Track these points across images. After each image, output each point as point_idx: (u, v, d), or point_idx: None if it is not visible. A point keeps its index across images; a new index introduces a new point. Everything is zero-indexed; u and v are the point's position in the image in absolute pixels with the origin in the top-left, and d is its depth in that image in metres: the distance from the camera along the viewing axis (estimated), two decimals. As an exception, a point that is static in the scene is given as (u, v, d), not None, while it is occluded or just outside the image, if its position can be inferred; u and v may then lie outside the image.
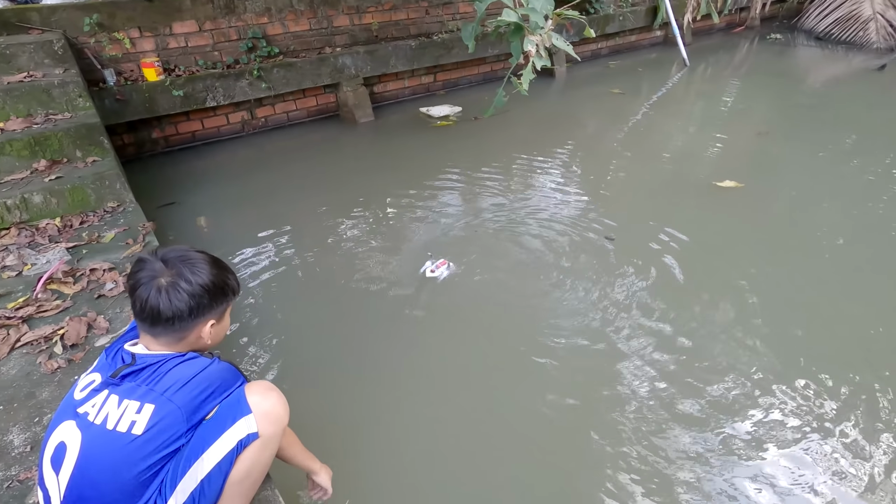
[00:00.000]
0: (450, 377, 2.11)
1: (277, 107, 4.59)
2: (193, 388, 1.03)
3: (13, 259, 2.36)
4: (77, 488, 0.96)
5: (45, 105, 2.99)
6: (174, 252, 1.07)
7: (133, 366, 1.01)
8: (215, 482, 1.03)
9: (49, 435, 1.01)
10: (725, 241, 2.90)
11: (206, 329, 1.09)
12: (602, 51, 7.04)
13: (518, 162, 3.96)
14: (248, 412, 1.03)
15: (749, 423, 1.84)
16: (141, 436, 0.97)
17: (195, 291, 1.04)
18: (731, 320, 2.30)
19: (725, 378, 2.01)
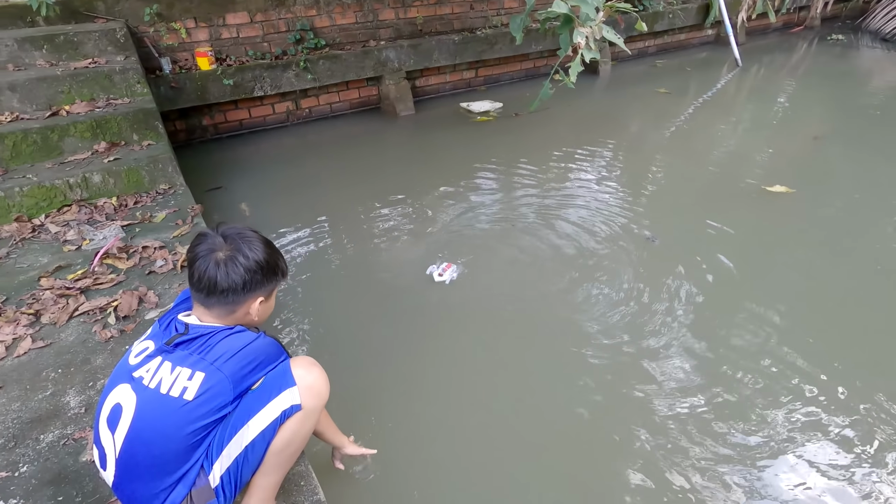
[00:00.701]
0: (480, 372, 2.12)
1: (321, 98, 4.69)
2: (241, 360, 1.07)
3: (73, 234, 2.51)
4: (131, 447, 1.02)
5: (106, 90, 3.15)
6: (233, 230, 1.13)
7: (186, 335, 1.06)
8: (258, 449, 1.07)
9: (105, 396, 1.07)
10: (772, 248, 2.78)
11: (256, 305, 1.13)
12: (649, 49, 6.85)
13: (557, 160, 3.91)
14: (293, 384, 1.08)
15: (785, 442, 1.76)
16: (192, 401, 1.02)
17: (251, 267, 1.09)
18: (771, 331, 2.20)
19: (763, 391, 1.94)
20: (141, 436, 1.02)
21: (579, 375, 2.04)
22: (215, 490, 1.08)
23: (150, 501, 1.05)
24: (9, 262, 2.33)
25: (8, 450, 1.46)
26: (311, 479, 1.37)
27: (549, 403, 1.95)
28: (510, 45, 5.31)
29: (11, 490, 1.35)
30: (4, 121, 2.86)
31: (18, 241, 2.48)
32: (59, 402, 1.60)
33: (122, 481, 1.05)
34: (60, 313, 1.96)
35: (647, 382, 1.99)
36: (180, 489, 1.06)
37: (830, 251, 2.74)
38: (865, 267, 2.59)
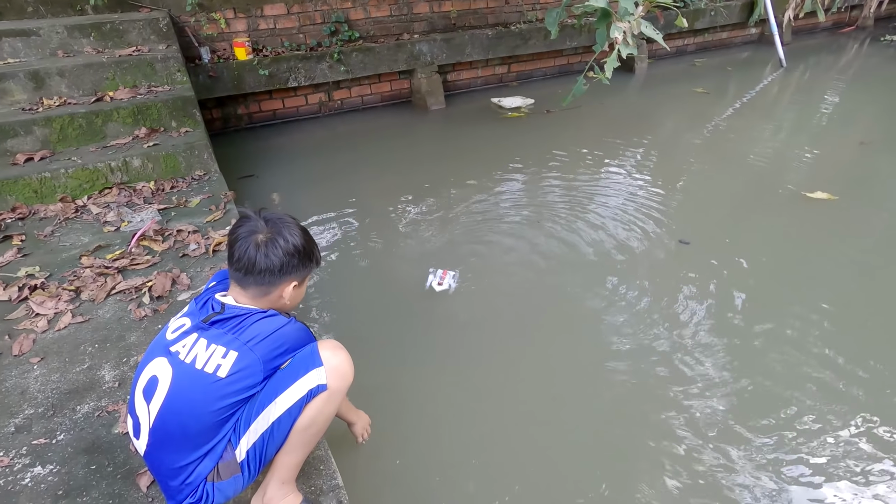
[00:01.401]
0: (500, 372, 2.11)
1: (353, 90, 4.74)
2: (272, 343, 1.10)
3: (113, 216, 2.61)
4: (165, 418, 1.06)
5: (148, 77, 3.26)
6: (274, 215, 1.17)
7: (222, 314, 1.10)
8: (284, 425, 1.10)
9: (142, 368, 1.11)
10: (810, 257, 2.68)
11: (289, 289, 1.17)
12: (688, 47, 6.66)
13: (588, 159, 3.85)
14: (320, 365, 1.10)
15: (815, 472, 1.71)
16: (224, 378, 1.05)
17: (289, 250, 1.13)
18: (805, 348, 2.12)
19: (793, 412, 1.86)
20: (174, 408, 1.06)
21: (601, 382, 2.01)
22: (241, 464, 1.11)
23: (179, 473, 1.09)
24: (53, 240, 2.44)
25: (47, 418, 1.53)
26: (330, 464, 1.40)
27: (569, 409, 1.93)
28: (544, 40, 5.24)
29: (49, 456, 1.42)
30: (53, 105, 2.98)
31: (62, 220, 2.59)
32: (95, 376, 1.68)
33: (153, 451, 1.09)
34: (99, 291, 2.05)
35: (674, 388, 1.95)
36: (207, 462, 1.10)
37: (874, 261, 2.62)
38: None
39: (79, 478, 1.36)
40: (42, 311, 1.94)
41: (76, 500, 1.30)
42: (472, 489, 1.64)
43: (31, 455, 1.42)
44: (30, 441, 1.46)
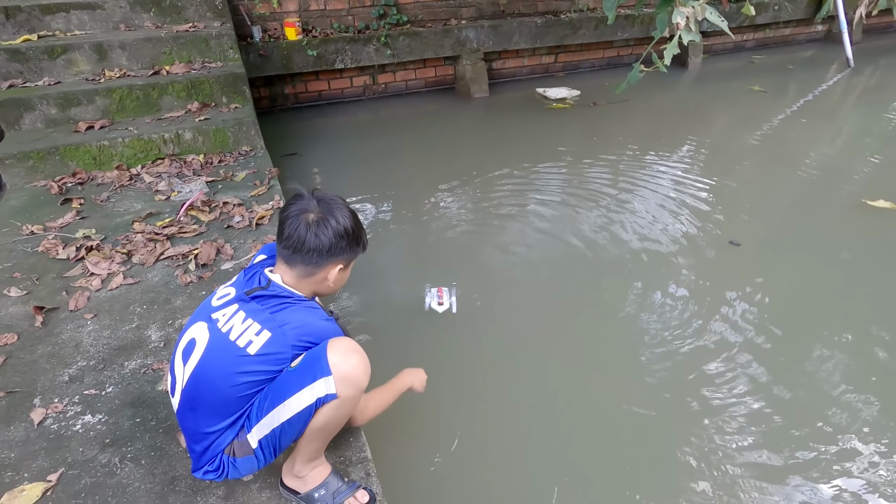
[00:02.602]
0: (530, 368, 2.10)
1: (398, 74, 4.75)
2: (308, 336, 1.09)
3: (164, 185, 2.71)
4: (197, 379, 1.10)
5: (202, 53, 3.35)
6: (326, 195, 1.16)
7: (266, 290, 1.11)
8: (296, 425, 1.08)
9: (185, 329, 1.15)
10: (868, 267, 2.54)
11: (335, 272, 1.16)
12: (747, 43, 6.36)
13: (633, 154, 3.75)
14: (328, 374, 1.03)
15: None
16: (252, 356, 1.06)
17: (339, 232, 1.12)
18: (851, 369, 2.01)
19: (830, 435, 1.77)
20: (205, 373, 1.08)
21: (636, 387, 1.97)
22: (254, 451, 1.12)
23: (203, 439, 1.12)
24: (108, 205, 2.56)
25: (98, 371, 1.62)
26: (359, 437, 1.42)
27: (600, 413, 1.90)
28: (594, 30, 5.11)
29: (98, 406, 1.50)
30: (114, 76, 3.11)
31: (117, 187, 2.71)
32: (143, 335, 1.76)
33: (183, 411, 1.13)
34: (148, 256, 2.14)
35: (710, 399, 1.90)
36: (227, 435, 1.12)
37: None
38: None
39: (124, 429, 1.43)
40: (96, 271, 2.04)
41: (121, 449, 1.37)
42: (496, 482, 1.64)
43: (82, 404, 1.51)
44: (81, 391, 1.55)
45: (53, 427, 1.44)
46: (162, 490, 1.28)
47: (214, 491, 1.27)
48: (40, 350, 1.70)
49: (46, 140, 2.79)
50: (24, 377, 1.60)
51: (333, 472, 1.26)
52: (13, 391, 1.54)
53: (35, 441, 1.40)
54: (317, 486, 1.22)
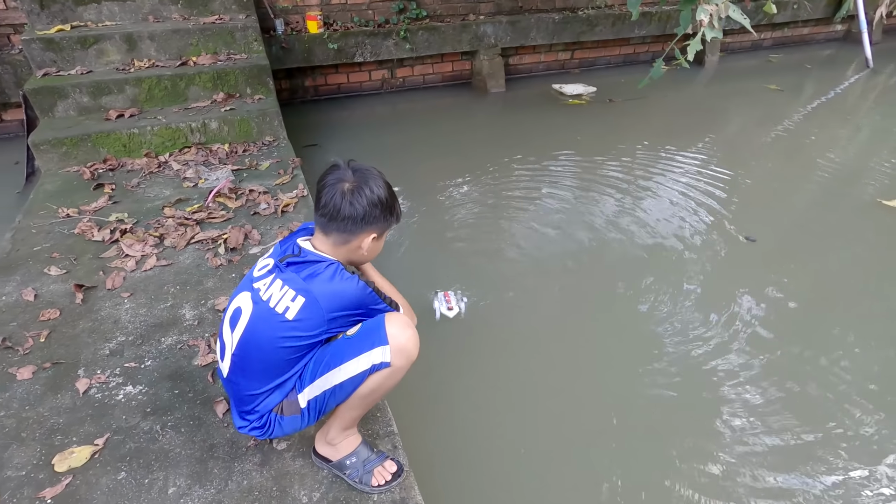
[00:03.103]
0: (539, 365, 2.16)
1: (416, 69, 4.80)
2: (340, 302, 1.15)
3: (191, 173, 2.79)
4: (244, 347, 1.17)
5: (228, 45, 3.43)
6: (362, 166, 1.21)
7: (298, 258, 1.18)
8: (346, 389, 1.16)
9: (232, 299, 1.23)
10: (883, 266, 2.56)
11: (368, 240, 1.21)
12: (764, 42, 6.33)
13: (649, 150, 3.77)
14: (386, 343, 1.12)
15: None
16: (290, 321, 1.13)
17: (373, 201, 1.17)
18: (867, 364, 2.03)
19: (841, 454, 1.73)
20: (251, 339, 1.16)
21: (646, 388, 1.99)
22: (302, 410, 1.20)
23: (252, 400, 1.20)
24: (139, 190, 2.65)
25: (136, 346, 1.70)
26: (386, 412, 1.49)
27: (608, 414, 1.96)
28: (611, 27, 5.12)
29: (138, 378, 1.58)
30: (143, 66, 3.20)
31: (147, 174, 2.80)
32: (177, 314, 1.84)
33: (233, 374, 1.21)
34: (180, 239, 2.22)
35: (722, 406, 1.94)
36: (276, 396, 1.20)
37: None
38: None
39: (164, 399, 1.51)
40: (131, 252, 2.13)
41: (162, 417, 1.46)
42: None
43: (123, 376, 1.59)
44: (122, 364, 1.63)
45: (97, 396, 1.53)
46: (202, 456, 1.36)
47: (251, 458, 1.35)
48: (81, 325, 1.78)
49: (79, 127, 2.89)
50: (67, 350, 1.68)
51: (364, 442, 1.33)
52: (58, 362, 1.63)
53: (81, 409, 1.49)
54: (348, 455, 1.29)
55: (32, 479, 1.30)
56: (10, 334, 1.74)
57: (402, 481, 1.30)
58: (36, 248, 2.19)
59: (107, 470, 1.32)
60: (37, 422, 1.45)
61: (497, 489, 1.62)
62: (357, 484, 1.27)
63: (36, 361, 1.63)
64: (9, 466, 1.33)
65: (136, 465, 1.33)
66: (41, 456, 1.36)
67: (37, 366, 1.61)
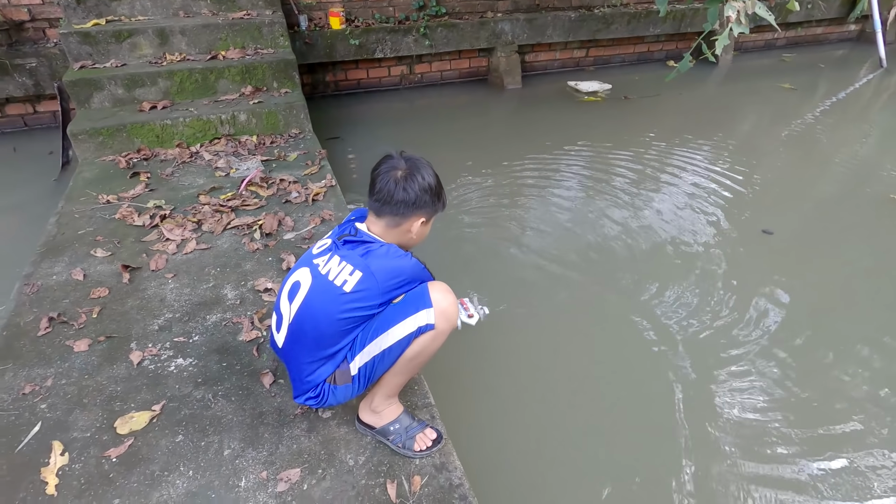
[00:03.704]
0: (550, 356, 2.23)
1: (434, 65, 4.88)
2: (393, 275, 1.24)
3: (222, 163, 2.89)
4: (301, 318, 1.26)
5: (255, 40, 3.52)
6: (414, 156, 1.31)
7: (354, 237, 1.27)
8: (394, 353, 1.26)
9: (289, 275, 1.32)
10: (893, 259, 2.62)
11: (417, 224, 1.31)
12: (778, 41, 6.36)
13: (661, 147, 3.83)
14: (430, 306, 1.22)
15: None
16: (348, 294, 1.22)
17: (424, 187, 1.27)
18: (879, 357, 2.10)
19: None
20: (309, 310, 1.25)
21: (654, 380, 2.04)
22: (353, 377, 1.29)
23: (306, 367, 1.29)
24: (173, 179, 2.75)
25: (183, 322, 1.80)
26: (423, 386, 1.58)
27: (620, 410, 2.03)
28: (626, 25, 5.18)
29: (188, 351, 1.68)
30: (175, 60, 3.30)
31: (179, 163, 2.90)
32: (219, 293, 1.93)
33: (289, 344, 1.30)
34: (217, 225, 2.32)
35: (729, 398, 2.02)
36: (329, 366, 1.29)
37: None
38: None
39: (213, 371, 1.61)
40: (171, 236, 2.23)
41: (213, 387, 1.55)
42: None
43: (173, 349, 1.69)
44: (171, 338, 1.73)
45: (151, 367, 1.62)
46: (252, 422, 1.45)
47: (298, 424, 1.44)
48: (130, 303, 1.88)
49: (114, 118, 3.00)
50: (119, 325, 1.78)
51: (405, 411, 1.41)
52: (112, 336, 1.73)
53: (136, 378, 1.58)
54: (391, 421, 1.38)
55: (97, 441, 1.40)
56: (65, 310, 1.84)
57: (441, 447, 1.38)
58: (80, 231, 2.30)
59: (165, 433, 1.42)
60: (96, 389, 1.55)
61: (525, 462, 1.71)
62: (400, 449, 1.36)
63: (91, 335, 1.73)
64: (74, 429, 1.43)
65: (192, 430, 1.43)
66: (103, 420, 1.45)
67: (92, 339, 1.71)
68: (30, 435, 1.41)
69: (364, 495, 1.27)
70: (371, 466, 1.34)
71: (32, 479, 1.30)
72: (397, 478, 1.31)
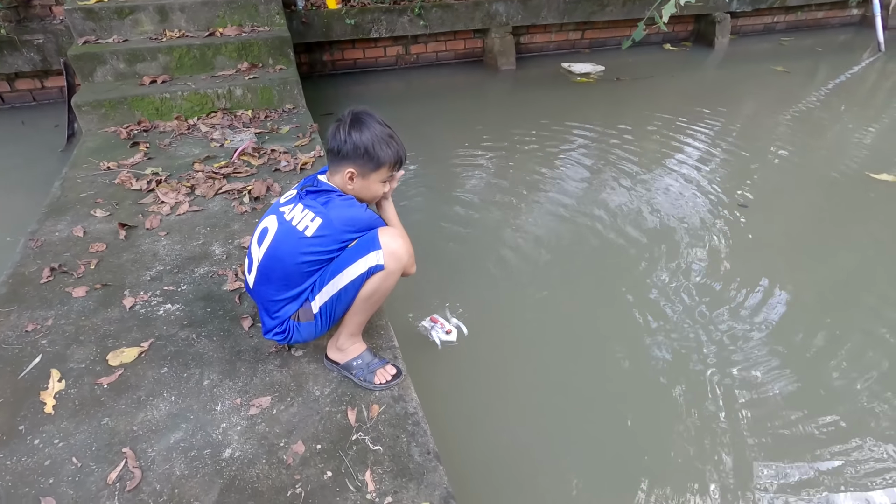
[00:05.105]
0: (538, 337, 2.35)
1: (429, 46, 4.96)
2: (349, 223, 1.37)
3: (218, 135, 3.02)
4: (269, 259, 1.40)
5: (252, 18, 3.64)
6: (362, 110, 1.41)
7: (314, 187, 1.41)
8: (350, 292, 1.38)
9: (259, 222, 1.46)
10: (868, 232, 2.70)
11: (346, 175, 1.40)
12: (777, 25, 6.34)
13: (653, 127, 3.91)
14: (378, 248, 1.34)
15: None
16: (309, 238, 1.35)
17: (344, 138, 1.37)
18: (850, 325, 2.19)
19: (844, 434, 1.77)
20: (275, 253, 1.39)
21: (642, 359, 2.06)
22: (315, 315, 1.42)
23: (273, 305, 1.43)
24: (171, 149, 2.89)
25: (173, 274, 1.94)
26: (388, 330, 1.72)
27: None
28: (622, 7, 5.22)
29: (176, 298, 1.82)
30: (174, 36, 3.43)
31: (177, 135, 3.04)
32: (208, 250, 2.08)
33: (258, 284, 1.44)
34: (209, 189, 2.46)
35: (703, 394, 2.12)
36: (293, 305, 1.42)
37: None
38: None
39: (198, 315, 1.75)
40: (166, 199, 2.37)
41: (197, 329, 1.70)
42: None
43: (163, 296, 1.84)
44: (161, 287, 1.87)
45: (141, 311, 1.77)
46: (230, 358, 1.59)
47: (272, 361, 1.59)
48: (125, 256, 2.03)
49: (116, 91, 3.13)
50: (114, 275, 1.93)
51: (368, 349, 1.55)
52: (107, 285, 1.88)
53: (128, 320, 1.73)
54: (354, 357, 1.51)
55: (91, 371, 1.55)
56: (65, 262, 1.99)
57: (400, 382, 1.52)
58: (82, 194, 2.45)
59: (152, 366, 1.57)
60: (91, 329, 1.70)
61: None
62: (362, 382, 1.50)
63: (88, 283, 1.88)
64: (71, 360, 1.58)
65: (177, 364, 1.58)
66: (97, 354, 1.61)
67: (89, 286, 1.87)
68: (31, 365, 1.57)
69: (327, 419, 1.42)
70: (335, 396, 1.48)
71: (32, 401, 1.46)
72: (357, 406, 1.45)
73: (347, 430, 1.38)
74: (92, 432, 1.37)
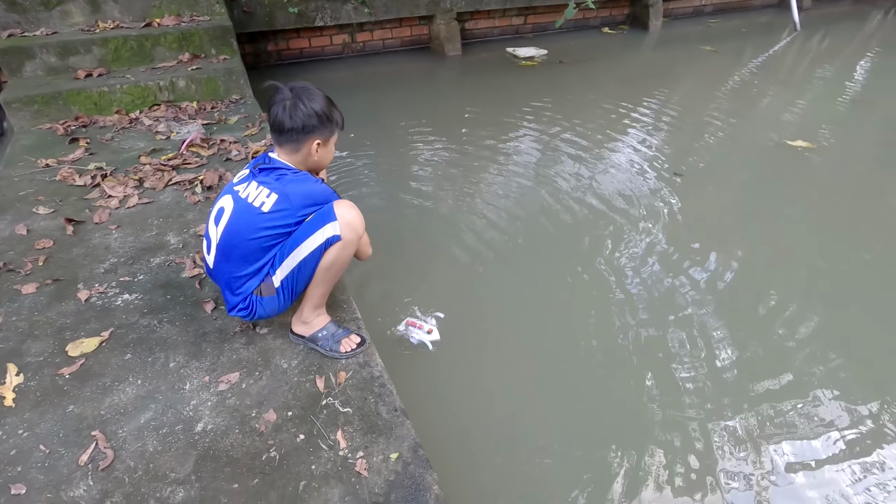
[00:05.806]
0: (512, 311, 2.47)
1: (376, 34, 4.97)
2: (304, 198, 1.41)
3: (163, 127, 2.96)
4: (227, 237, 1.43)
5: (191, 8, 3.55)
6: (300, 85, 1.45)
7: (267, 164, 1.44)
8: (310, 264, 1.43)
9: (215, 203, 1.48)
10: (783, 192, 2.98)
11: (314, 146, 1.47)
12: (706, 8, 6.72)
13: (594, 107, 4.10)
14: (334, 220, 1.39)
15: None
16: (266, 213, 1.39)
17: (308, 112, 1.41)
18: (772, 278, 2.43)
19: (780, 387, 1.90)
20: (233, 230, 1.42)
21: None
22: (277, 290, 1.47)
23: (235, 282, 1.47)
24: (114, 143, 2.81)
25: (128, 265, 1.93)
26: (351, 304, 1.78)
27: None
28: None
29: (133, 288, 1.82)
30: (108, 27, 3.31)
31: (119, 129, 2.96)
32: (163, 240, 2.07)
33: (218, 263, 1.47)
34: (158, 182, 2.43)
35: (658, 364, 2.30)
36: (255, 280, 1.46)
37: (835, 204, 2.91)
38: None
39: (159, 303, 1.76)
40: (113, 193, 2.33)
41: (159, 315, 1.71)
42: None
43: (119, 287, 1.82)
44: (117, 278, 1.86)
45: (98, 303, 1.76)
46: (196, 340, 1.62)
47: (238, 340, 1.62)
48: (76, 251, 2.00)
49: (49, 86, 3.00)
50: (65, 270, 1.90)
51: (332, 320, 1.61)
52: (59, 279, 1.85)
53: (85, 312, 1.72)
54: (319, 329, 1.57)
55: (50, 363, 1.54)
56: (10, 260, 1.93)
57: (364, 350, 1.59)
58: (21, 192, 2.36)
59: (115, 353, 1.57)
60: (46, 323, 1.68)
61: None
62: (328, 352, 1.56)
63: (38, 279, 1.84)
64: (28, 354, 1.56)
65: (140, 349, 1.59)
66: (55, 346, 1.59)
67: (39, 283, 1.83)
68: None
69: (296, 389, 1.47)
70: (303, 367, 1.54)
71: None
72: (325, 374, 1.52)
73: (317, 397, 1.45)
74: (58, 420, 1.38)
